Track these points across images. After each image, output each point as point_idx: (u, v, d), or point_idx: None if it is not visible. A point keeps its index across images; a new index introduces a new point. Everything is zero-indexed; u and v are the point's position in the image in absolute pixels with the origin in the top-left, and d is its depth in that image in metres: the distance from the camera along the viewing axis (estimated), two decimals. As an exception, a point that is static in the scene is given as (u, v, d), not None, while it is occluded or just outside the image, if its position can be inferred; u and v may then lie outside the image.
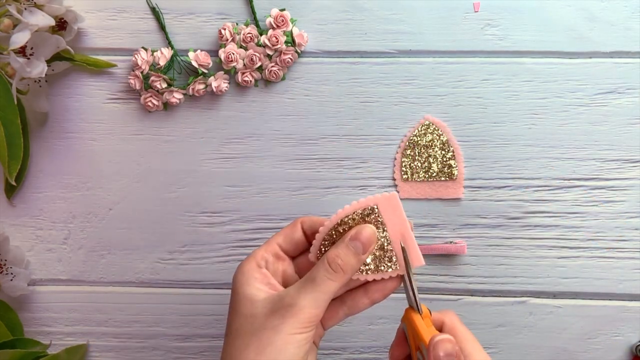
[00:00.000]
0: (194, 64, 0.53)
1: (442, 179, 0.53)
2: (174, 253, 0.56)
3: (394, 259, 0.40)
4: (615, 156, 0.53)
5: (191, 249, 0.56)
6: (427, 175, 0.53)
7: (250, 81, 0.54)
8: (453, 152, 0.53)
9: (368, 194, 0.54)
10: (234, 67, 0.53)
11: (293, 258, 0.43)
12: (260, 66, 0.54)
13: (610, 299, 0.54)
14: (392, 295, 0.54)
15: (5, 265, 0.54)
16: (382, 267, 0.40)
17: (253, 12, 0.54)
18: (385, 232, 0.40)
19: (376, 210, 0.40)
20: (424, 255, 0.55)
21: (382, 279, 0.40)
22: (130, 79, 0.54)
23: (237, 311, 0.39)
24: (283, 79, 0.54)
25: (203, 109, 0.55)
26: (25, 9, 0.48)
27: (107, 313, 0.57)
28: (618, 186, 0.53)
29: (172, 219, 0.56)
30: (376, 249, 0.40)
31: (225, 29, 0.53)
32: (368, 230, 0.39)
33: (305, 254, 0.42)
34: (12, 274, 0.55)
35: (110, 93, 0.55)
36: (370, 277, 0.40)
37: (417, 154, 0.53)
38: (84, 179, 0.56)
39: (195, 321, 0.57)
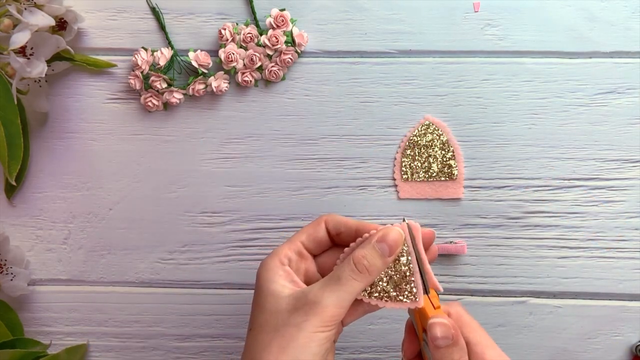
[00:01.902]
0: (194, 64, 0.53)
1: (442, 179, 0.53)
2: (174, 253, 0.56)
3: (414, 290, 0.40)
4: (615, 156, 0.53)
5: (191, 249, 0.56)
6: (427, 175, 0.53)
7: (250, 81, 0.54)
8: (453, 152, 0.53)
9: (368, 194, 0.55)
10: (234, 67, 0.53)
11: (315, 256, 0.43)
12: (260, 66, 0.54)
13: (610, 299, 0.54)
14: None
15: (5, 265, 0.54)
16: (402, 297, 0.40)
17: (253, 12, 0.54)
18: (409, 259, 0.40)
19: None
20: (424, 255, 0.55)
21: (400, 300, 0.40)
22: (130, 79, 0.54)
23: (261, 307, 0.39)
24: (283, 79, 0.54)
25: (203, 109, 0.55)
26: (25, 9, 0.48)
27: (107, 313, 0.57)
28: (618, 186, 0.53)
29: (172, 219, 0.56)
30: (398, 276, 0.40)
31: (225, 29, 0.53)
32: (395, 232, 0.39)
33: (328, 252, 0.43)
34: (12, 274, 0.55)
35: (110, 93, 0.55)
36: (389, 305, 0.40)
37: (417, 154, 0.53)
38: (84, 179, 0.56)
39: (195, 321, 0.57)
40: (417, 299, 0.39)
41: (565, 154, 0.53)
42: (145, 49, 0.53)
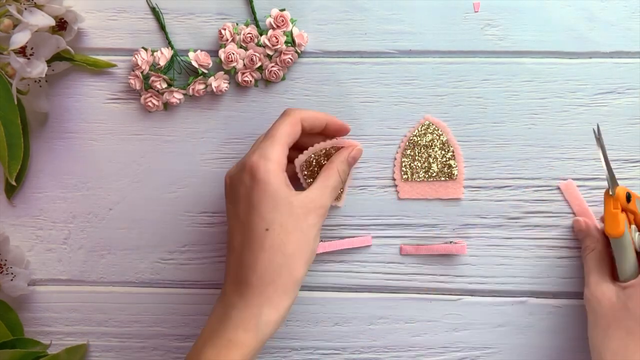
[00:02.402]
0: (194, 64, 0.53)
1: (442, 179, 0.53)
2: (174, 253, 0.56)
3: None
4: (615, 156, 0.53)
5: (191, 249, 0.56)
6: (427, 176, 0.53)
7: (250, 81, 0.54)
8: (453, 152, 0.53)
9: (368, 194, 0.55)
10: (234, 67, 0.53)
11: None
12: (260, 66, 0.54)
13: (610, 299, 0.54)
14: (392, 295, 0.55)
15: (5, 265, 0.54)
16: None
17: (253, 12, 0.54)
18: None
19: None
20: (424, 256, 0.55)
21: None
22: (130, 79, 0.54)
23: (278, 209, 0.44)
24: (283, 79, 0.54)
25: (203, 109, 0.55)
26: (25, 9, 0.48)
27: (107, 313, 0.57)
28: (618, 186, 0.53)
29: (172, 219, 0.56)
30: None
31: (225, 29, 0.53)
32: (358, 149, 0.50)
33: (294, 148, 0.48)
34: (12, 274, 0.55)
35: (110, 93, 0.55)
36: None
37: (417, 154, 0.53)
38: (84, 179, 0.56)
39: (195, 321, 0.57)
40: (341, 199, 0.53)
41: (565, 154, 0.53)
42: (145, 49, 0.53)
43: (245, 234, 0.45)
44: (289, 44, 0.53)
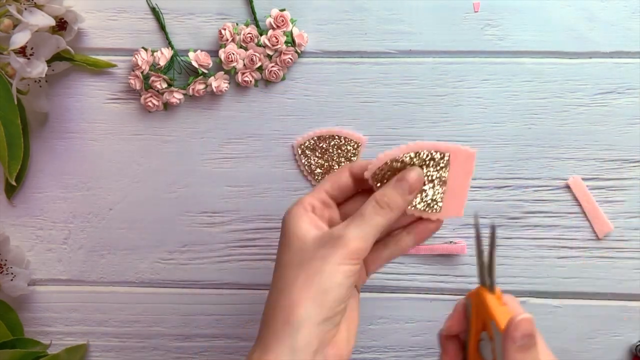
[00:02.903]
0: (194, 64, 0.53)
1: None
2: (174, 253, 0.56)
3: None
4: (615, 156, 0.53)
5: (191, 249, 0.56)
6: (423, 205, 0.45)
7: (250, 81, 0.54)
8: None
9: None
10: (234, 67, 0.53)
11: (339, 205, 0.44)
12: (260, 66, 0.54)
13: (610, 299, 0.54)
14: (392, 295, 0.55)
15: (5, 265, 0.54)
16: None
17: (253, 12, 0.54)
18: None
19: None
20: (424, 256, 0.55)
21: (428, 219, 0.42)
22: (130, 79, 0.54)
23: (288, 246, 0.40)
24: (283, 79, 0.54)
25: (203, 109, 0.55)
26: (25, 9, 0.48)
27: (107, 313, 0.57)
28: (618, 186, 0.53)
29: (172, 219, 0.56)
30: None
31: (225, 29, 0.53)
32: (415, 173, 0.41)
33: (351, 200, 0.43)
34: (12, 274, 0.55)
35: (110, 93, 0.55)
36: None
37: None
38: (84, 179, 0.56)
39: (195, 321, 0.57)
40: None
41: (565, 154, 0.53)
42: (145, 49, 0.53)
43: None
44: (289, 44, 0.53)
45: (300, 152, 0.54)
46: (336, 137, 0.54)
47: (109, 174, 0.56)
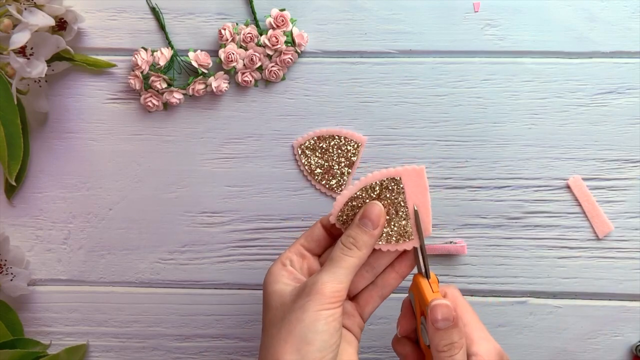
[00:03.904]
0: (194, 64, 0.53)
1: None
2: (174, 253, 0.56)
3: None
4: (615, 156, 0.53)
5: (191, 249, 0.56)
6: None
7: (250, 81, 0.54)
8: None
9: (368, 194, 0.54)
10: (234, 67, 0.53)
11: (319, 256, 0.45)
12: (260, 66, 0.54)
13: (610, 299, 0.54)
14: (392, 295, 0.54)
15: (5, 265, 0.54)
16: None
17: (253, 12, 0.54)
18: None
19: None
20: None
21: (404, 250, 0.43)
22: (130, 79, 0.54)
23: (269, 305, 0.41)
24: (283, 79, 0.54)
25: (203, 109, 0.55)
26: (25, 9, 0.48)
27: (107, 313, 0.57)
28: (618, 186, 0.53)
29: (172, 219, 0.56)
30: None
31: (225, 29, 0.53)
32: (376, 208, 0.41)
33: (329, 249, 0.44)
34: (12, 274, 0.55)
35: (110, 93, 0.55)
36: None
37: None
38: (84, 179, 0.56)
39: (195, 321, 0.57)
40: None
41: (565, 154, 0.53)
42: (145, 49, 0.53)
43: None
44: (289, 44, 0.53)
45: (300, 152, 0.54)
46: (336, 137, 0.54)
47: (109, 174, 0.56)
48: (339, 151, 0.54)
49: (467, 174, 0.54)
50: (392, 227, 0.42)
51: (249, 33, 0.53)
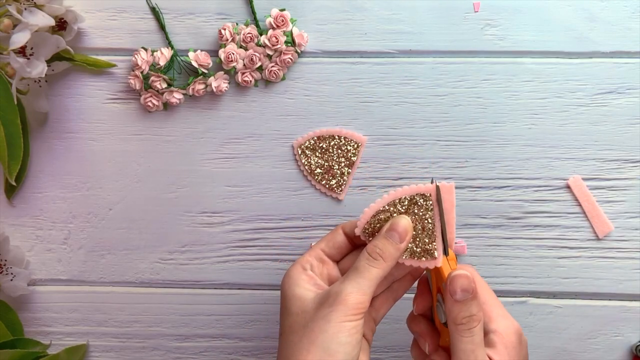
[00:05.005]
0: (194, 64, 0.53)
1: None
2: (174, 253, 0.56)
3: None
4: (615, 156, 0.53)
5: (191, 249, 0.56)
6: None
7: (250, 81, 0.54)
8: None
9: (368, 194, 0.55)
10: (234, 67, 0.53)
11: (337, 262, 0.44)
12: (260, 66, 0.54)
13: (610, 299, 0.54)
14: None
15: (5, 265, 0.54)
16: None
17: (253, 12, 0.54)
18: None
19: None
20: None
21: (426, 267, 0.42)
22: (130, 79, 0.54)
23: (288, 310, 0.40)
24: (283, 79, 0.54)
25: (203, 109, 0.55)
26: (25, 9, 0.48)
27: (107, 313, 0.57)
28: (618, 186, 0.53)
29: (172, 219, 0.56)
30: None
31: (225, 29, 0.53)
32: (403, 221, 0.41)
33: (349, 256, 0.44)
34: (12, 274, 0.55)
35: (110, 93, 0.55)
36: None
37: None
38: (84, 179, 0.56)
39: (195, 321, 0.57)
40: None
41: (565, 154, 0.53)
42: (145, 49, 0.53)
43: None
44: (289, 44, 0.53)
45: (300, 152, 0.54)
46: (336, 137, 0.54)
47: (109, 174, 0.56)
48: (339, 151, 0.54)
49: (467, 174, 0.54)
50: (417, 243, 0.42)
51: (249, 33, 0.53)
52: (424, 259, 0.42)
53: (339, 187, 0.54)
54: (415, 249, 0.42)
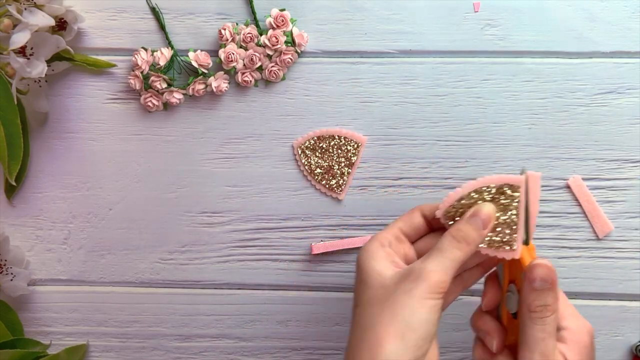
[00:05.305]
0: (194, 64, 0.53)
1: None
2: (174, 253, 0.56)
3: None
4: (615, 156, 0.53)
5: (191, 249, 0.56)
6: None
7: (250, 81, 0.54)
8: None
9: (368, 194, 0.55)
10: (234, 67, 0.53)
11: (413, 243, 0.44)
12: (260, 66, 0.54)
13: (610, 299, 0.54)
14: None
15: (5, 265, 0.54)
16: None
17: (253, 12, 0.54)
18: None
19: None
20: (424, 255, 0.55)
21: (503, 258, 0.42)
22: (130, 79, 0.54)
23: (367, 284, 0.40)
24: (283, 79, 0.54)
25: (203, 109, 0.55)
26: (25, 9, 0.48)
27: (107, 313, 0.57)
28: (618, 186, 0.53)
29: (172, 219, 0.56)
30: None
31: (225, 29, 0.53)
32: (487, 208, 0.41)
33: (424, 238, 0.44)
34: (12, 274, 0.55)
35: (110, 93, 0.55)
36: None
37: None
38: (84, 179, 0.56)
39: (195, 321, 0.57)
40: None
41: (565, 154, 0.53)
42: (145, 49, 0.53)
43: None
44: (289, 44, 0.53)
45: (300, 152, 0.54)
46: (336, 137, 0.54)
47: (109, 174, 0.56)
48: (339, 151, 0.54)
49: (467, 174, 0.54)
50: (498, 233, 0.42)
51: (249, 33, 0.53)
52: (502, 249, 0.42)
53: (339, 187, 0.54)
54: (494, 238, 0.42)
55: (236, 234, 0.56)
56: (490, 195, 0.41)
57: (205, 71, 0.53)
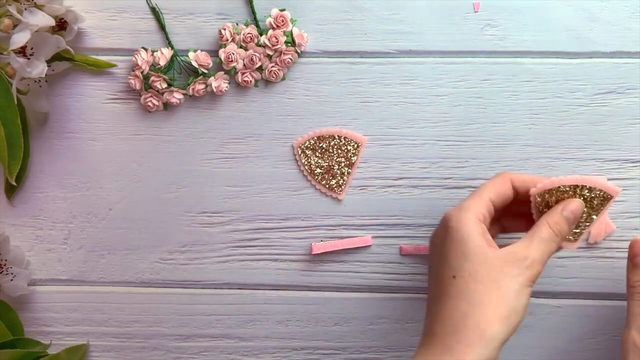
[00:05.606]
0: (194, 64, 0.53)
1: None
2: (174, 253, 0.56)
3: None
4: (615, 156, 0.53)
5: (191, 249, 0.56)
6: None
7: (250, 81, 0.54)
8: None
9: (368, 194, 0.55)
10: (234, 67, 0.53)
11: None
12: (260, 66, 0.54)
13: (610, 299, 0.54)
14: (392, 295, 0.55)
15: (5, 265, 0.54)
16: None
17: (253, 12, 0.54)
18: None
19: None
20: (425, 256, 0.55)
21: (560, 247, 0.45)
22: (130, 79, 0.54)
23: (468, 257, 0.41)
24: (283, 79, 0.54)
25: (203, 109, 0.55)
26: (25, 9, 0.48)
27: (107, 313, 0.57)
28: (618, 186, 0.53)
29: (172, 219, 0.56)
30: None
31: (225, 29, 0.53)
32: (581, 207, 0.44)
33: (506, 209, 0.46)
34: (12, 274, 0.55)
35: (110, 93, 0.55)
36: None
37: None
38: (84, 179, 0.56)
39: (195, 321, 0.57)
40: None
41: (565, 154, 0.53)
42: (145, 49, 0.53)
43: (435, 284, 0.43)
44: (289, 44, 0.53)
45: (300, 152, 0.54)
46: (336, 137, 0.54)
47: (109, 174, 0.56)
48: (339, 151, 0.54)
49: (467, 174, 0.54)
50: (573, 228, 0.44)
51: (249, 33, 0.53)
52: (565, 240, 0.44)
53: (339, 187, 0.54)
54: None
55: (236, 234, 0.56)
56: (584, 196, 0.44)
57: (206, 71, 0.53)
